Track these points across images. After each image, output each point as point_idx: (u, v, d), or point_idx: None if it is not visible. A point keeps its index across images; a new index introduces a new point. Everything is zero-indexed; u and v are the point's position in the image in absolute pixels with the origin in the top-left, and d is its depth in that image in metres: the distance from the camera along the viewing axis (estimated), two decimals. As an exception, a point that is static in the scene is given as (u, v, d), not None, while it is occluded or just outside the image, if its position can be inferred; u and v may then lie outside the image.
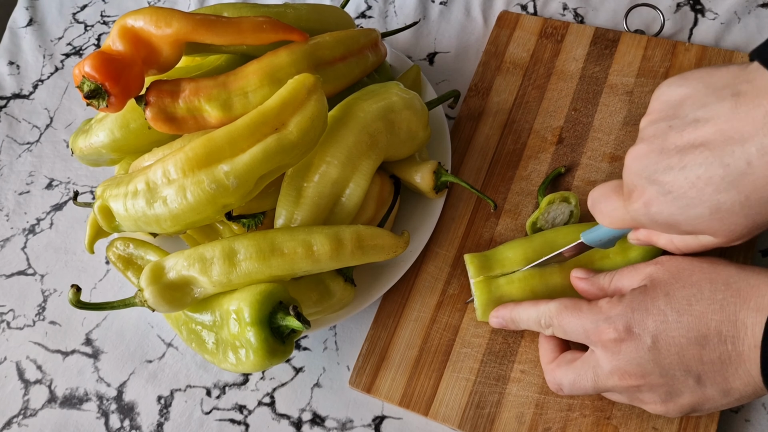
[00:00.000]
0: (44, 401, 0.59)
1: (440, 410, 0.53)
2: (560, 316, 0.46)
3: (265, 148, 0.47)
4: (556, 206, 0.56)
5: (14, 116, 0.77)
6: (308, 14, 0.61)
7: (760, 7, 0.68)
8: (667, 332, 0.42)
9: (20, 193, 0.71)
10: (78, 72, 0.49)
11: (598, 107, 0.64)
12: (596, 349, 0.44)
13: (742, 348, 0.40)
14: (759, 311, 0.39)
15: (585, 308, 0.46)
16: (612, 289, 0.48)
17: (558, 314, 0.47)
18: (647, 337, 0.42)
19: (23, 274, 0.66)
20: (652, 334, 0.42)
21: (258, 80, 0.52)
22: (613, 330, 0.43)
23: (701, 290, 0.42)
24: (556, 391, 0.48)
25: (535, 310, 0.48)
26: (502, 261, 0.53)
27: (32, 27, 0.83)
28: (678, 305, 0.42)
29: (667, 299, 0.42)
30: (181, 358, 0.59)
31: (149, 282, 0.47)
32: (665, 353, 0.42)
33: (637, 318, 0.43)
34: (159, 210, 0.47)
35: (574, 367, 0.46)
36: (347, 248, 0.49)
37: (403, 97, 0.56)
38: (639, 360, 0.42)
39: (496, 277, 0.52)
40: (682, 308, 0.42)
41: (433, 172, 0.57)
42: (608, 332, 0.43)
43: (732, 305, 0.40)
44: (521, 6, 0.74)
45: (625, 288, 0.46)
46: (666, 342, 0.42)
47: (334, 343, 0.58)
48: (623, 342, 0.43)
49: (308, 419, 0.55)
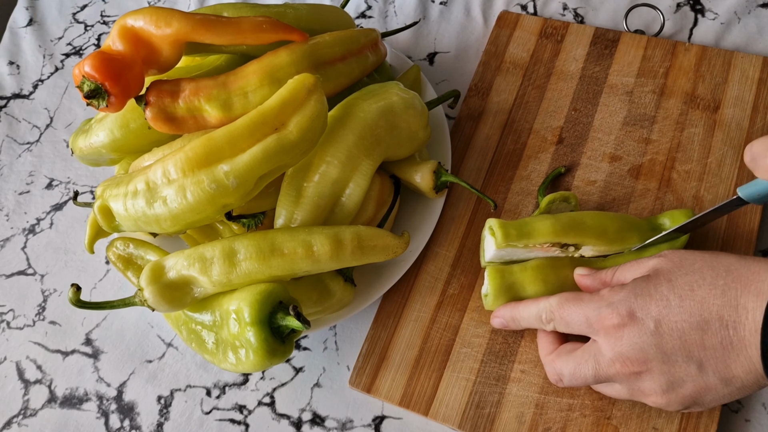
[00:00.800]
0: (44, 401, 0.59)
1: (440, 410, 0.53)
2: (561, 308, 0.47)
3: (265, 148, 0.47)
4: (557, 206, 0.56)
5: (14, 116, 0.77)
6: (308, 14, 0.61)
7: (760, 7, 0.68)
8: (670, 317, 0.42)
9: (20, 193, 0.71)
10: (78, 72, 0.49)
11: (598, 107, 0.64)
12: (598, 337, 0.45)
13: (743, 333, 0.40)
14: (759, 296, 0.39)
15: (586, 297, 0.46)
16: (614, 281, 0.48)
17: (559, 307, 0.47)
18: (650, 322, 0.42)
19: (23, 274, 0.66)
20: (654, 319, 0.42)
21: (258, 80, 0.52)
22: (615, 315, 0.43)
23: (703, 276, 0.42)
24: (555, 382, 0.48)
25: (535, 307, 0.49)
26: (530, 232, 0.51)
27: (32, 27, 0.83)
28: (680, 291, 0.42)
29: (669, 285, 0.43)
30: (181, 358, 0.59)
31: (149, 281, 0.47)
32: (667, 338, 0.42)
33: (640, 303, 0.43)
34: (159, 210, 0.47)
35: (574, 357, 0.46)
36: (347, 249, 0.49)
37: (403, 97, 0.56)
38: (641, 345, 0.42)
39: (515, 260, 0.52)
40: (684, 293, 0.42)
41: (433, 171, 0.57)
42: (611, 317, 0.43)
43: (733, 290, 0.40)
44: (521, 6, 0.74)
45: (628, 280, 0.46)
46: (668, 326, 0.42)
47: (334, 343, 0.58)
48: (625, 327, 0.43)
49: (308, 419, 0.55)
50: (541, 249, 0.52)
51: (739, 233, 0.55)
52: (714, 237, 0.55)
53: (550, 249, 0.52)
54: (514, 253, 0.52)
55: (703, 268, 0.43)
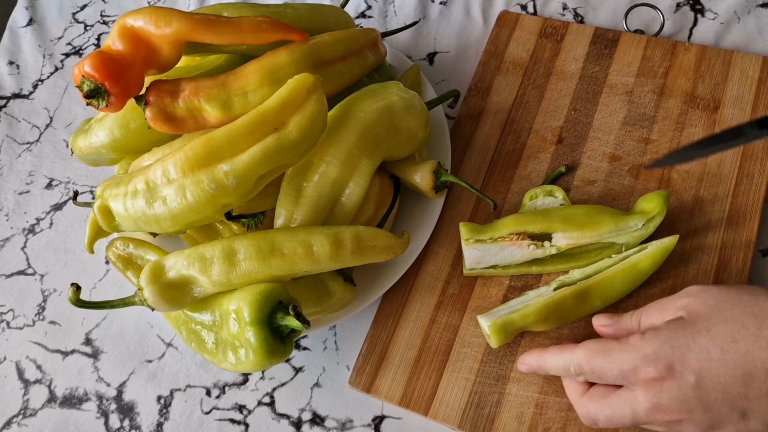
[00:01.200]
0: (44, 401, 0.59)
1: (440, 410, 0.53)
2: (591, 362, 0.44)
3: (264, 148, 0.47)
4: (542, 201, 0.55)
5: (14, 116, 0.77)
6: (308, 14, 0.61)
7: (760, 7, 0.68)
8: (711, 370, 0.40)
9: (20, 193, 0.71)
10: (78, 71, 0.49)
11: (597, 107, 0.64)
12: (635, 387, 0.43)
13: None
14: None
15: (616, 349, 0.43)
16: (642, 327, 0.46)
17: (587, 361, 0.44)
18: (690, 376, 0.41)
19: (23, 273, 0.66)
20: (695, 372, 0.41)
21: (258, 80, 0.52)
22: (653, 369, 0.41)
23: (745, 326, 0.40)
24: (590, 425, 0.46)
25: (562, 359, 0.46)
26: (495, 225, 0.54)
27: (32, 27, 0.83)
28: (721, 342, 0.40)
29: (708, 335, 0.41)
30: (180, 358, 0.59)
31: (149, 281, 0.47)
32: (710, 391, 0.40)
33: (678, 355, 0.41)
34: (159, 210, 0.47)
35: (608, 403, 0.44)
36: (347, 249, 0.48)
37: (402, 97, 0.56)
38: (682, 398, 0.41)
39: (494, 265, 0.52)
40: (726, 345, 0.40)
41: (433, 171, 0.57)
42: (648, 371, 0.41)
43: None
44: (521, 6, 0.74)
45: (657, 323, 0.44)
46: (710, 380, 0.40)
47: (333, 343, 0.58)
48: (665, 380, 0.41)
49: (308, 419, 0.55)
50: (513, 245, 0.51)
51: (739, 233, 0.55)
52: (713, 236, 0.55)
53: (522, 244, 0.51)
54: (489, 252, 0.52)
55: (744, 315, 0.41)
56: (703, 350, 0.41)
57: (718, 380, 0.40)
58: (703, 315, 0.42)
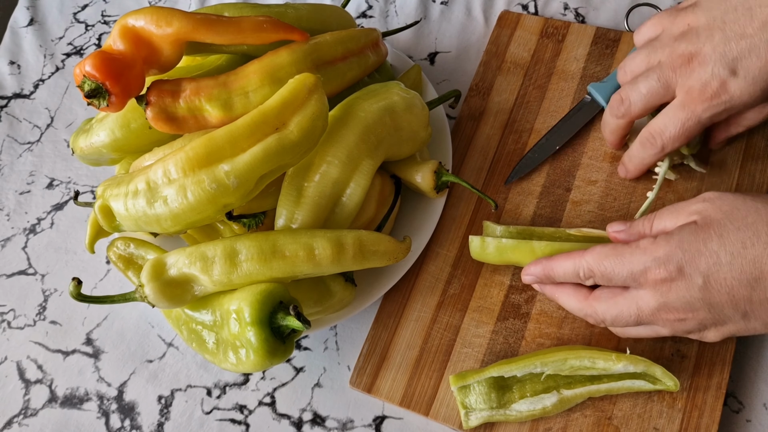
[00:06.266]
0: (45, 401, 0.59)
1: (441, 410, 0.53)
2: (601, 265, 0.45)
3: (265, 148, 0.47)
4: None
5: (15, 116, 0.77)
6: (309, 14, 0.61)
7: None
8: (719, 273, 0.42)
9: (21, 193, 0.71)
10: (79, 71, 0.49)
11: (599, 107, 0.64)
12: (643, 289, 0.44)
13: None
14: None
15: (627, 252, 0.45)
16: (654, 231, 0.47)
17: (598, 263, 0.46)
18: (698, 278, 0.42)
19: (24, 273, 0.66)
20: (703, 275, 0.42)
21: (259, 80, 0.52)
22: (663, 270, 0.43)
23: (758, 234, 0.41)
24: (597, 323, 0.48)
25: (572, 263, 0.47)
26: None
27: (33, 27, 0.83)
28: (732, 247, 0.42)
29: (720, 241, 0.42)
30: (181, 358, 0.59)
31: (150, 278, 0.47)
32: (715, 293, 0.42)
33: (688, 258, 0.42)
34: (159, 209, 0.47)
35: (616, 303, 0.46)
36: (349, 253, 0.48)
37: (403, 97, 0.56)
38: (688, 298, 0.43)
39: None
40: (736, 251, 0.42)
41: (434, 171, 0.57)
42: (658, 273, 0.43)
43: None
44: (522, 6, 0.74)
45: (669, 228, 0.45)
46: (717, 282, 0.42)
47: (334, 343, 0.58)
48: (673, 281, 0.43)
49: (309, 419, 0.55)
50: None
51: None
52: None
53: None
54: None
55: (757, 223, 0.42)
56: (713, 254, 0.42)
57: (724, 283, 0.42)
58: (716, 221, 0.43)
